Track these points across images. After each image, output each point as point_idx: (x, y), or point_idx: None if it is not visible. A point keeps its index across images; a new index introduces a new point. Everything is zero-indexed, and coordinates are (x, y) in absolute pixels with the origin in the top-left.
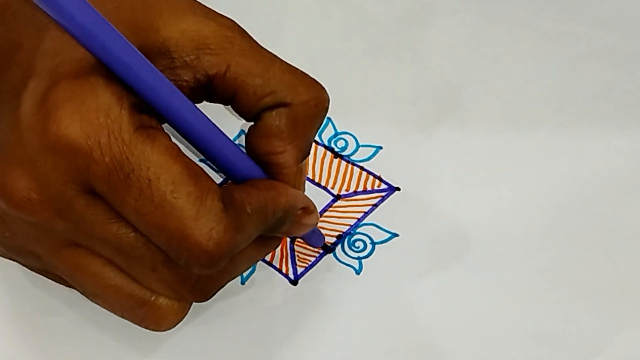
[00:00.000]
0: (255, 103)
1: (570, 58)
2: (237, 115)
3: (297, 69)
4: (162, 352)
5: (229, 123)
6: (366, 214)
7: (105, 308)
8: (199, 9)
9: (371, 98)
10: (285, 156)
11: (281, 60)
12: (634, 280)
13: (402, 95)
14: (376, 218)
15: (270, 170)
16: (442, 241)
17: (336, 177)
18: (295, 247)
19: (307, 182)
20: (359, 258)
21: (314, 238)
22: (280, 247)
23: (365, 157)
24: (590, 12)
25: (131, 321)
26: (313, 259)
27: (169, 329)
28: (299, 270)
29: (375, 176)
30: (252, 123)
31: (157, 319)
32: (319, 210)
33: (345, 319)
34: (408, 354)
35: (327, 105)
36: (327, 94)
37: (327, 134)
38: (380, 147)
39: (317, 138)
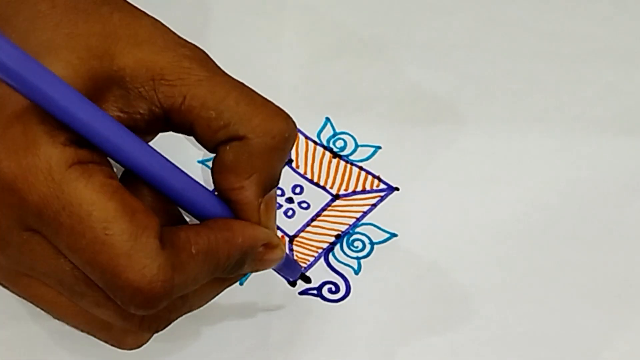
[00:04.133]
0: (211, 136)
1: (570, 58)
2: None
3: (258, 98)
4: (161, 353)
5: None
6: (365, 213)
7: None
8: (159, 38)
9: (370, 98)
10: (243, 192)
11: (242, 89)
12: (633, 281)
13: (400, 95)
14: (375, 218)
15: (231, 206)
16: (441, 241)
17: (335, 177)
18: (294, 248)
19: (305, 182)
20: (357, 258)
21: (288, 271)
22: None
23: (364, 157)
24: (590, 12)
25: (98, 339)
26: (312, 259)
27: (134, 348)
28: None
29: (374, 176)
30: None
31: (119, 341)
32: (317, 210)
33: (343, 319)
34: (407, 354)
35: (288, 136)
36: (292, 124)
37: (325, 134)
38: (379, 147)
39: (315, 138)
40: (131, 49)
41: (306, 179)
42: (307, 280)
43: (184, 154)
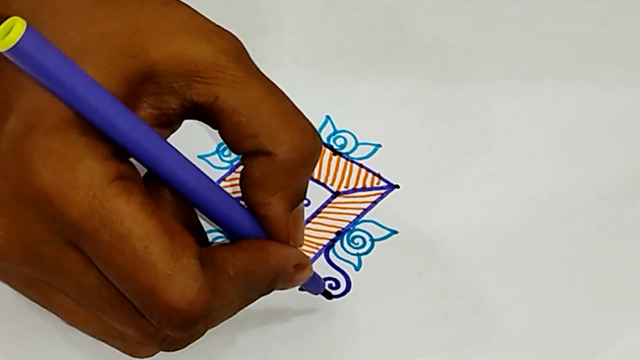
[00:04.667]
0: (239, 142)
1: (570, 58)
2: None
3: (290, 108)
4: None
5: None
6: (365, 210)
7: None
8: (194, 28)
9: (370, 97)
10: (272, 208)
11: (275, 95)
12: (633, 281)
13: (401, 94)
14: (375, 215)
15: (260, 221)
16: (441, 239)
17: (335, 174)
18: None
19: None
20: (358, 254)
21: (313, 286)
22: None
23: (364, 154)
24: (590, 11)
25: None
26: (312, 256)
27: (148, 357)
28: None
29: (374, 174)
30: None
31: (133, 352)
32: (318, 206)
33: (344, 314)
34: (407, 351)
35: (314, 153)
36: (318, 140)
37: (326, 132)
38: (379, 145)
39: None
40: (165, 43)
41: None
42: (329, 296)
43: (185, 149)
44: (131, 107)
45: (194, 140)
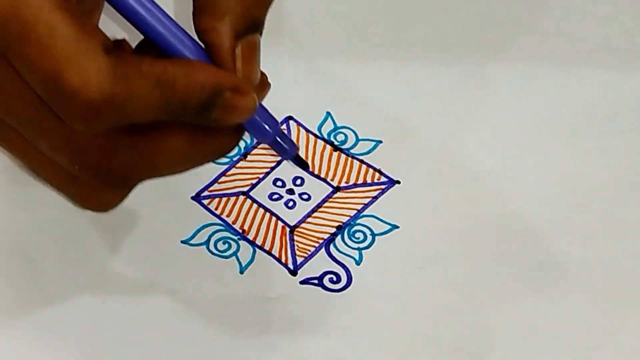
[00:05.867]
0: None
1: (570, 57)
2: None
3: None
4: (159, 342)
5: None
6: (366, 205)
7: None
8: None
9: (370, 93)
10: (215, 33)
11: None
12: (634, 277)
13: (401, 90)
14: (376, 210)
15: (208, 53)
16: (442, 234)
17: (336, 170)
18: (295, 237)
19: (306, 174)
20: (359, 249)
21: (262, 133)
22: (279, 236)
23: (365, 150)
24: (590, 10)
25: (67, 199)
26: (313, 249)
27: (100, 210)
28: (299, 260)
29: (375, 169)
30: None
31: (83, 199)
32: (318, 201)
33: (344, 309)
34: (407, 345)
35: None
36: None
37: (326, 128)
38: (380, 142)
39: (316, 132)
40: None
41: (307, 170)
42: (304, 165)
43: None
44: None
45: None
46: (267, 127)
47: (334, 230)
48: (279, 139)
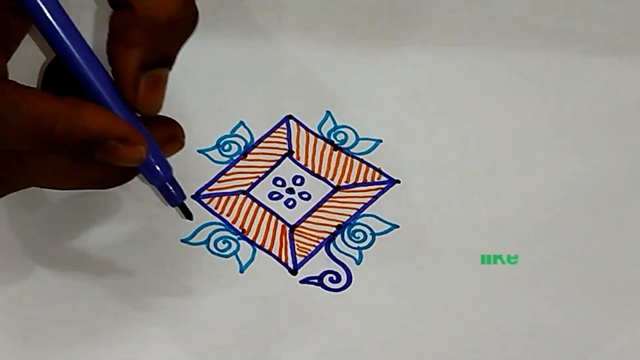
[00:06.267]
0: None
1: (570, 55)
2: None
3: None
4: (160, 341)
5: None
6: (366, 205)
7: None
8: None
9: (371, 92)
10: (123, 62)
11: None
12: (636, 276)
13: (401, 89)
14: (376, 209)
15: (115, 79)
16: (442, 233)
17: (336, 169)
18: (295, 237)
19: (306, 173)
20: (359, 248)
21: (155, 178)
22: (279, 235)
23: (365, 150)
24: (590, 9)
25: None
26: (313, 249)
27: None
28: (299, 259)
29: (375, 168)
30: None
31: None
32: (318, 200)
33: (344, 309)
34: (407, 344)
35: (181, 20)
36: (191, 8)
37: (326, 127)
38: (380, 141)
39: (316, 131)
40: None
41: (307, 170)
42: (189, 215)
43: (186, 144)
44: None
45: (194, 135)
46: (160, 171)
47: (334, 229)
48: (169, 186)
